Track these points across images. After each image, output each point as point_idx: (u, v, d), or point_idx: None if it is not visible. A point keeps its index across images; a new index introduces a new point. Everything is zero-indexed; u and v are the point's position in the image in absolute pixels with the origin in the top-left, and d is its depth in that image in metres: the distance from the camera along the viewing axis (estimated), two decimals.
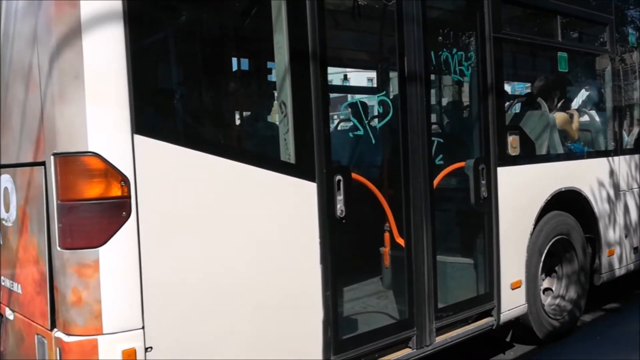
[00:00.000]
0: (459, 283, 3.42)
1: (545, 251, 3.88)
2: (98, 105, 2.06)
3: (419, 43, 2.97)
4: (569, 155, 4.20)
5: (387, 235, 3.20)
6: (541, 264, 3.85)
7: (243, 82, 2.93)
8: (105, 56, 2.06)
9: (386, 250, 3.22)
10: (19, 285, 2.44)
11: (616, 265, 4.54)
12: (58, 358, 2.12)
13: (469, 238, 3.53)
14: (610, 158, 4.48)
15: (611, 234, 4.46)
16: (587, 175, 4.21)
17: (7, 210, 2.52)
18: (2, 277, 2.63)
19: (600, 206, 4.31)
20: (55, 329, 2.16)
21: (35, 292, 2.28)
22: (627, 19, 4.65)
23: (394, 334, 2.96)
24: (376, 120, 2.94)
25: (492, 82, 3.38)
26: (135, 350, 2.09)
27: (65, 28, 2.05)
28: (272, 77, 2.62)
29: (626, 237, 4.63)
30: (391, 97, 3.12)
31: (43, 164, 2.16)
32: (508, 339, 3.84)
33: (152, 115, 2.25)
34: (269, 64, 2.98)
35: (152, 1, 2.24)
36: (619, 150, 4.55)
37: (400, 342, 3.00)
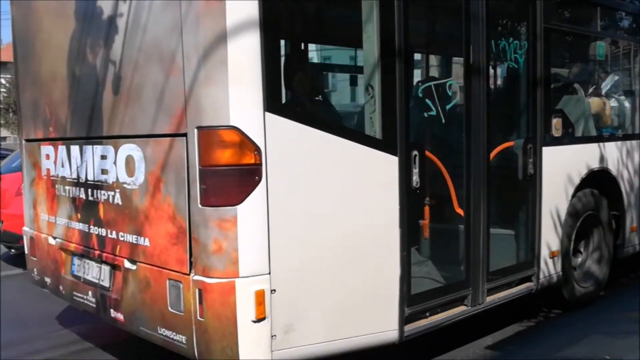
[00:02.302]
0: (505, 251, 4.19)
1: (578, 225, 4.70)
2: (238, 88, 2.75)
3: (482, 33, 3.71)
4: (601, 138, 4.98)
5: (427, 208, 3.96)
6: (574, 237, 4.66)
7: (352, 69, 3.61)
8: (244, 45, 2.74)
9: (425, 222, 3.97)
10: (146, 239, 3.13)
11: (637, 241, 5.39)
12: (197, 297, 2.84)
13: (515, 211, 4.31)
14: (637, 141, 5.30)
15: (635, 212, 5.29)
16: (615, 157, 5.02)
17: (132, 175, 3.20)
18: (120, 233, 3.33)
19: (626, 186, 5.14)
20: (192, 274, 2.88)
21: (170, 244, 2.98)
22: None
23: (453, 292, 3.74)
24: (446, 102, 3.67)
25: (541, 69, 4.14)
26: (264, 292, 2.82)
27: (212, 21, 2.72)
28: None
29: None
30: (458, 81, 3.84)
31: (184, 135, 2.85)
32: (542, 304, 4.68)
33: (279, 96, 2.95)
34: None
35: (285, 3, 2.90)
36: None
37: (457, 300, 3.78)
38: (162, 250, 3.04)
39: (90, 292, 3.66)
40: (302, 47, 3.36)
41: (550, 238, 4.36)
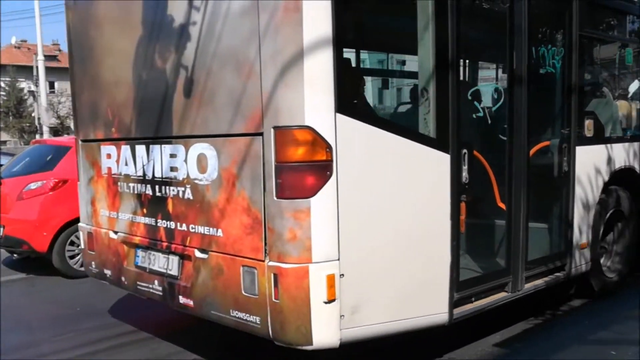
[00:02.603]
0: (540, 242, 4.52)
1: (605, 220, 5.04)
2: (312, 91, 3.06)
3: (524, 41, 4.05)
4: (628, 138, 5.32)
5: (463, 205, 4.28)
6: (601, 230, 5.00)
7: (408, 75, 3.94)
8: (319, 53, 3.06)
9: (462, 217, 4.29)
10: (219, 230, 3.45)
11: None
12: (272, 281, 3.16)
13: (549, 205, 4.64)
14: None
15: None
16: None
17: (204, 172, 3.52)
18: (191, 226, 3.64)
19: None
20: (267, 260, 3.19)
21: (245, 234, 3.29)
22: None
23: (495, 279, 4.08)
24: (492, 104, 4.01)
25: (575, 74, 4.49)
26: (334, 276, 3.13)
27: (290, 30, 3.04)
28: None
29: None
30: (502, 86, 4.18)
31: (261, 134, 3.17)
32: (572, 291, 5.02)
33: (348, 99, 3.27)
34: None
35: (351, 14, 3.22)
36: None
37: (499, 287, 4.11)
38: (235, 240, 3.36)
39: (156, 282, 3.96)
40: (367, 55, 3.70)
41: (581, 231, 4.70)
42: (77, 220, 6.28)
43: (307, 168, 3.11)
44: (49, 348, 4.65)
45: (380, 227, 3.34)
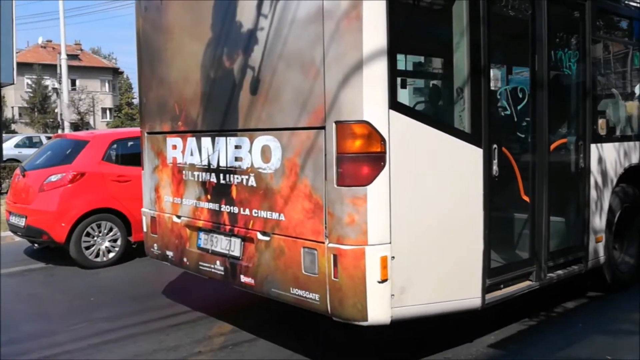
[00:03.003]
0: (560, 234, 4.59)
1: (617, 215, 5.09)
2: (369, 89, 3.18)
3: (544, 46, 4.13)
4: (637, 137, 5.38)
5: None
6: (614, 225, 5.06)
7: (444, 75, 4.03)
8: (375, 57, 3.17)
9: None
10: (281, 214, 3.56)
11: None
12: (332, 262, 3.26)
13: (567, 199, 4.70)
14: None
15: None
16: None
17: (267, 162, 3.63)
18: (254, 210, 3.75)
19: None
20: (327, 242, 3.29)
21: (306, 218, 3.41)
22: None
23: (520, 268, 4.16)
24: (521, 103, 4.10)
25: (589, 76, 4.57)
26: (387, 258, 3.24)
27: (352, 36, 3.16)
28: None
29: None
30: (529, 86, 4.25)
31: (323, 128, 3.27)
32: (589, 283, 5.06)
33: (399, 98, 3.37)
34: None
35: (401, 24, 3.31)
36: None
37: (524, 275, 4.19)
38: (297, 224, 3.47)
39: (218, 262, 4.09)
40: (413, 58, 3.80)
41: (596, 225, 4.77)
42: (94, 212, 6.89)
43: (364, 158, 3.22)
44: (65, 337, 4.62)
45: (425, 214, 3.46)
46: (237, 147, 3.88)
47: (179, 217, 4.48)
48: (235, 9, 3.80)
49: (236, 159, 3.88)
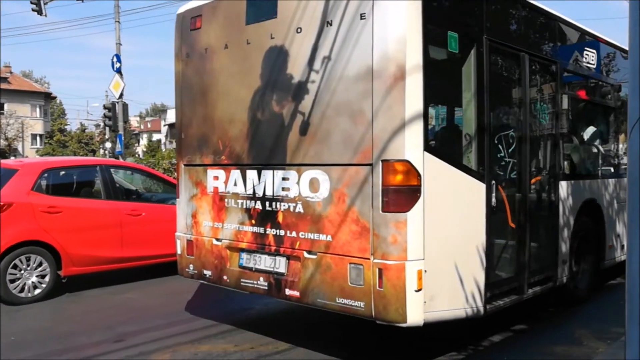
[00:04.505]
0: (537, 257, 5.48)
1: (577, 241, 6.10)
2: (410, 135, 3.97)
3: (527, 99, 5.12)
4: (591, 176, 6.47)
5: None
6: (575, 250, 6.06)
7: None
8: (414, 109, 3.98)
9: None
10: (328, 236, 4.25)
11: (615, 255, 6.87)
12: (377, 274, 3.98)
13: (542, 227, 5.63)
14: (614, 179, 6.85)
15: (611, 233, 6.78)
16: (600, 191, 6.52)
17: (315, 192, 4.33)
18: (300, 233, 4.41)
19: (606, 212, 6.63)
20: (372, 258, 4.01)
21: (353, 239, 4.12)
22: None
23: (509, 284, 4.99)
24: (511, 146, 5.03)
25: (559, 125, 5.61)
26: (421, 271, 4.00)
27: (397, 93, 3.96)
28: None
29: (618, 237, 6.98)
30: (516, 133, 5.19)
31: (370, 165, 4.03)
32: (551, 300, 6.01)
33: (431, 142, 4.17)
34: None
35: (432, 84, 4.14)
36: (618, 173, 6.92)
37: (511, 290, 5.01)
38: (344, 244, 4.18)
39: (261, 278, 4.70)
40: (438, 108, 4.66)
41: (562, 249, 5.75)
42: (21, 244, 6.50)
43: (405, 190, 3.99)
44: None
45: (445, 236, 4.26)
46: (284, 178, 4.55)
47: (219, 240, 5.06)
48: (286, 63, 4.53)
49: (283, 189, 4.56)
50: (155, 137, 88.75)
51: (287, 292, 4.54)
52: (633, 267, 2.88)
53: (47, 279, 6.83)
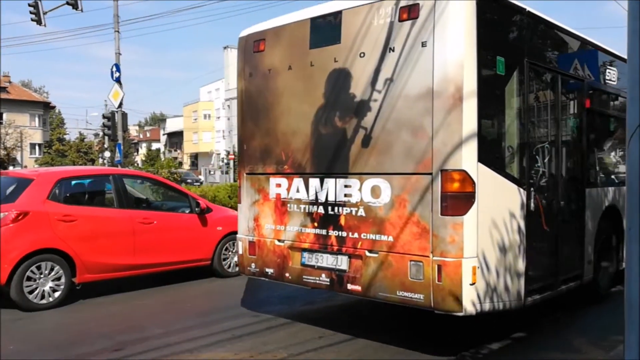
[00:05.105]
0: (567, 257, 6.05)
1: (600, 243, 6.67)
2: (465, 148, 4.53)
3: (560, 117, 5.70)
4: (612, 184, 7.06)
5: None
6: (597, 252, 6.63)
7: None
8: (470, 126, 4.54)
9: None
10: (389, 237, 4.80)
11: None
12: (436, 270, 4.52)
13: (571, 230, 6.20)
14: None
15: None
16: (619, 197, 7.11)
17: (377, 197, 4.88)
18: (362, 234, 4.96)
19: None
20: (431, 256, 4.56)
21: (414, 239, 4.67)
22: None
23: (543, 280, 5.54)
24: (546, 157, 5.61)
25: (585, 138, 6.20)
26: (475, 267, 4.55)
27: (456, 112, 4.52)
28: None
29: None
30: (550, 145, 5.78)
31: (430, 174, 4.58)
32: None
33: (482, 154, 4.73)
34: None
35: (483, 101, 4.70)
36: None
37: (547, 286, 5.57)
38: (405, 243, 4.73)
39: (323, 275, 5.24)
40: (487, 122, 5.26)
41: (588, 250, 6.30)
42: (37, 252, 6.61)
43: (461, 196, 4.55)
44: None
45: (494, 236, 4.80)
46: (346, 186, 5.11)
47: (281, 240, 5.60)
48: (349, 83, 5.10)
49: (345, 195, 5.11)
50: (155, 146, 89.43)
51: (349, 286, 5.08)
52: (632, 275, 2.85)
53: (62, 286, 6.94)
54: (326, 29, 5.30)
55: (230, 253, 8.77)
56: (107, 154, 44.25)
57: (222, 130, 70.90)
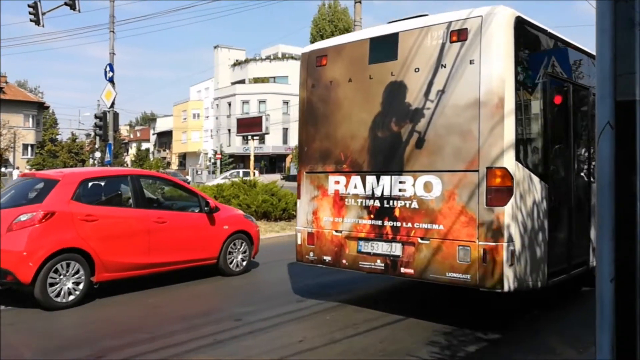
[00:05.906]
0: (578, 244, 6.84)
1: None
2: (507, 149, 5.37)
3: (577, 128, 6.57)
4: None
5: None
6: None
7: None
8: (510, 130, 5.40)
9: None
10: (440, 225, 5.62)
11: None
12: (482, 253, 5.33)
13: (582, 220, 7.00)
14: None
15: None
16: None
17: (429, 192, 5.71)
18: (415, 224, 5.78)
19: None
20: (477, 242, 5.37)
21: (462, 227, 5.50)
22: None
23: (559, 264, 6.34)
24: (562, 155, 6.47)
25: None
26: (514, 250, 5.42)
27: (498, 117, 5.38)
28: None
29: None
30: (566, 145, 6.65)
31: (477, 171, 5.42)
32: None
33: (518, 154, 5.57)
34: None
35: (518, 111, 5.57)
36: None
37: (562, 270, 6.36)
38: (454, 231, 5.57)
39: (378, 261, 6.05)
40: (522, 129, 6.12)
41: (593, 239, 7.07)
42: (62, 251, 6.78)
43: (503, 190, 5.40)
44: None
45: (527, 224, 5.64)
46: (401, 182, 5.95)
47: (338, 231, 6.41)
48: (404, 94, 5.97)
49: (400, 190, 5.94)
50: (144, 145, 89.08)
51: (403, 270, 5.89)
52: (603, 273, 2.73)
53: (81, 285, 7.08)
54: (384, 48, 6.19)
55: (235, 252, 9.03)
56: (97, 154, 43.79)
57: (210, 130, 70.57)
